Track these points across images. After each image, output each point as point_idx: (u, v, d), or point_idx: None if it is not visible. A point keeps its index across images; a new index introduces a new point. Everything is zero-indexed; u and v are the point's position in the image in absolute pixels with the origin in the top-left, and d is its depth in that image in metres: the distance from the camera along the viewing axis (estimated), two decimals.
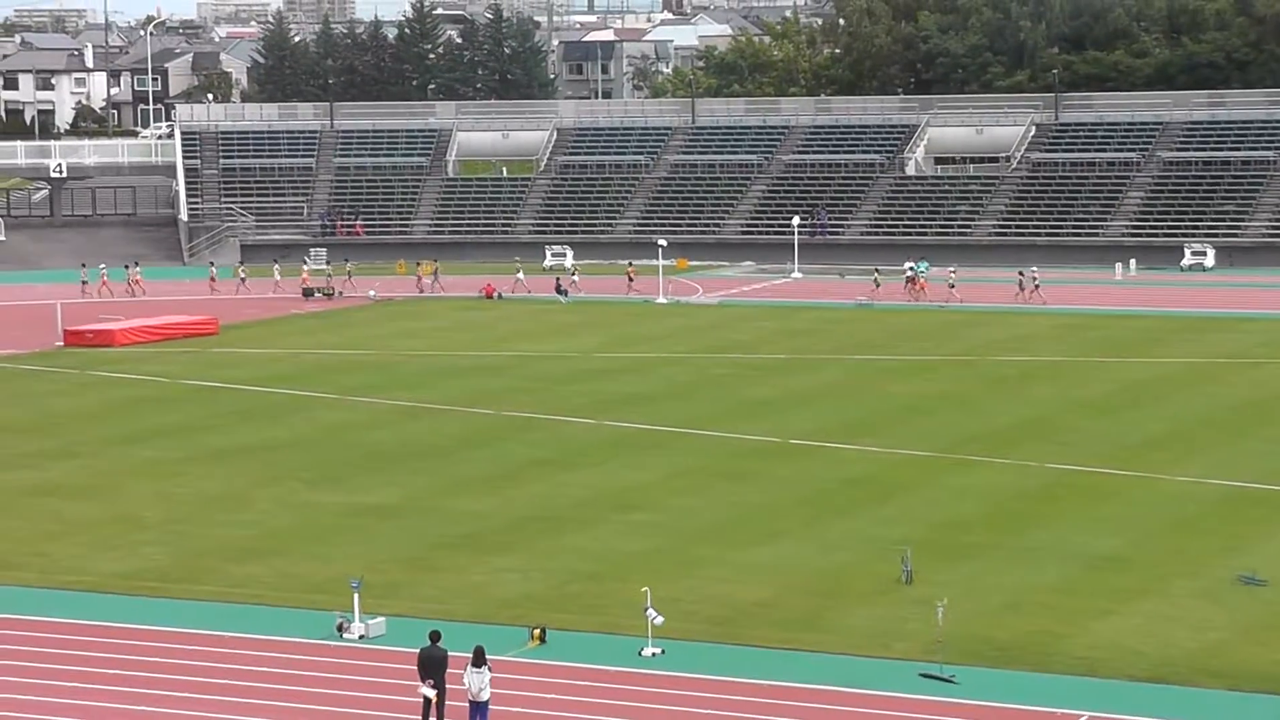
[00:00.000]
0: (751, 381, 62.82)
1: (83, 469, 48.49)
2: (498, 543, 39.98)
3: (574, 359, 68.39)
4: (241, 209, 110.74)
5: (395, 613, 34.05)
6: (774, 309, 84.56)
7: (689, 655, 31.99)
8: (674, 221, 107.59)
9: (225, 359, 69.01)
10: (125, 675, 31.26)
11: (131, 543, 40.34)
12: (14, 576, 37.62)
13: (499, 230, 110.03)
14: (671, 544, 39.70)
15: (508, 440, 52.15)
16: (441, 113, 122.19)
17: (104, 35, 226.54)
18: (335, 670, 31.52)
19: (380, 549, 39.47)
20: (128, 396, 60.79)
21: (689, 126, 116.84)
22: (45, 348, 72.41)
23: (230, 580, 37.17)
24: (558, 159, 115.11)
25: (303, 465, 48.72)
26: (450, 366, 66.86)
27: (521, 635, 32.87)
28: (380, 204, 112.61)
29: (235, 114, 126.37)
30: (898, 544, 37.85)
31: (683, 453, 50.01)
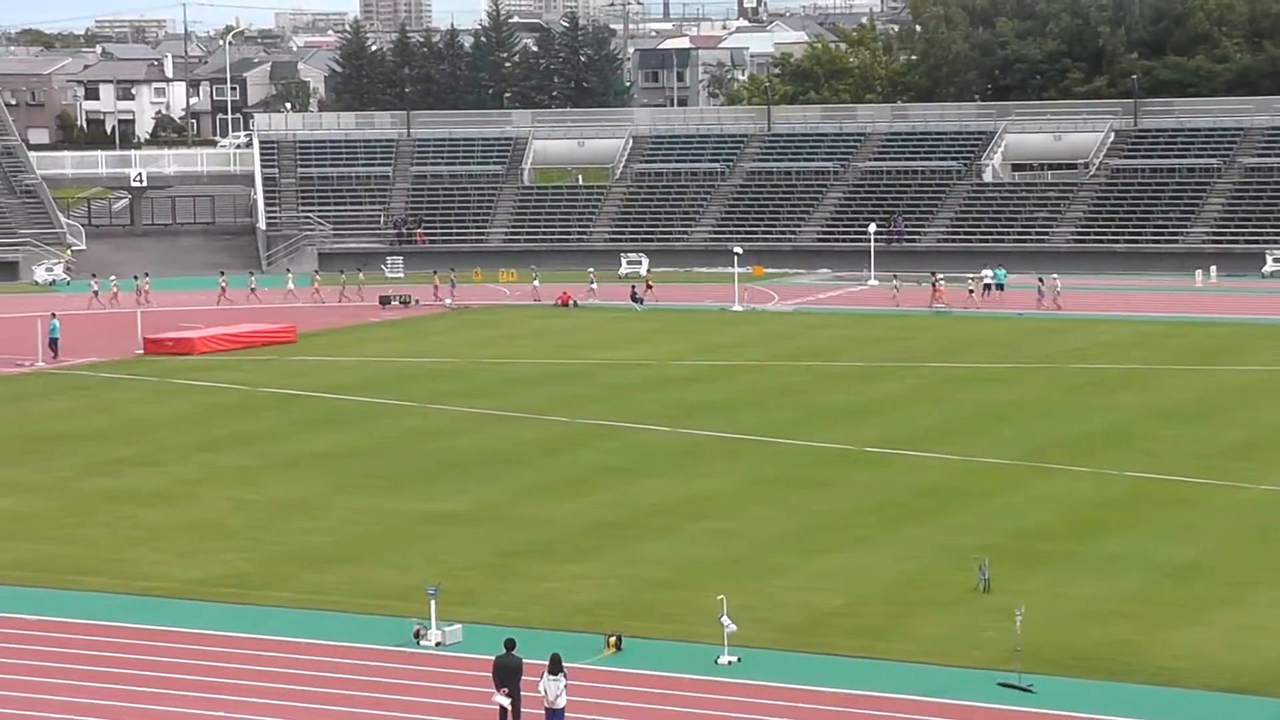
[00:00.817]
0: (827, 389, 62.65)
1: (162, 476, 48.82)
2: (573, 550, 39.99)
3: (649, 366, 68.39)
4: (319, 218, 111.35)
5: (472, 620, 34.09)
6: (850, 316, 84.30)
7: (764, 663, 31.89)
8: (749, 229, 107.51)
9: (303, 367, 69.39)
10: (204, 681, 31.44)
11: (210, 549, 40.58)
12: (95, 583, 37.90)
13: (574, 239, 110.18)
14: (747, 552, 39.61)
15: (583, 448, 52.19)
16: (517, 121, 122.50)
17: (183, 45, 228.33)
18: (412, 677, 31.59)
19: (456, 556, 39.56)
20: (207, 404, 61.20)
21: (764, 134, 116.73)
22: (126, 356, 73.00)
23: (308, 587, 37.33)
24: (633, 167, 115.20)
25: (380, 472, 48.91)
26: (526, 374, 66.99)
27: (597, 643, 32.86)
28: (456, 212, 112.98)
29: (313, 123, 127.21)
30: (975, 552, 37.64)
31: (758, 460, 49.91)
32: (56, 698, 30.67)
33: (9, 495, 46.54)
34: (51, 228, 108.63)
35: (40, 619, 35.21)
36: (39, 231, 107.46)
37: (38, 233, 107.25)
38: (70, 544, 41.28)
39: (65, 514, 44.42)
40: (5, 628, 34.69)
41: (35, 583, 37.91)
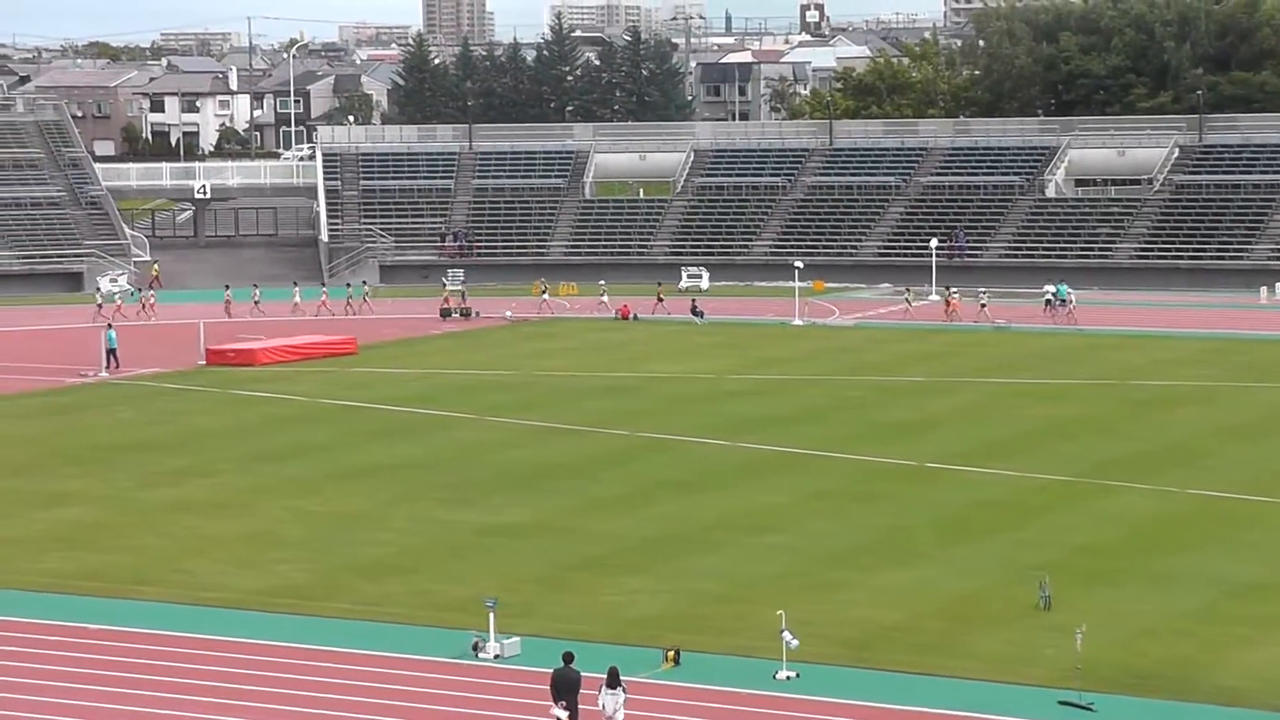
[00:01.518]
0: (887, 404, 62.46)
1: (222, 486, 49.05)
2: (631, 563, 39.96)
3: (708, 380, 68.34)
4: (381, 230, 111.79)
5: (529, 632, 34.10)
6: (910, 331, 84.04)
7: (823, 679, 31.78)
8: (810, 243, 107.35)
9: (363, 379, 69.63)
10: (262, 692, 31.55)
11: (270, 560, 40.73)
12: (156, 592, 38.08)
13: (635, 252, 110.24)
14: (805, 567, 39.50)
15: (641, 461, 52.17)
16: (579, 134, 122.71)
17: (248, 58, 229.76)
18: (469, 690, 31.61)
19: (515, 568, 39.58)
20: (267, 415, 61.47)
21: (826, 148, 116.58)
22: (188, 366, 73.41)
23: (366, 598, 37.42)
24: (695, 180, 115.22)
25: (439, 484, 49.01)
26: (585, 387, 67.04)
27: (655, 657, 32.81)
28: (518, 225, 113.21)
29: (375, 136, 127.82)
30: (1035, 569, 37.43)
31: (817, 475, 49.78)
32: (119, 707, 30.83)
33: (73, 505, 46.85)
34: (116, 239, 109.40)
35: (103, 628, 35.41)
36: (104, 243, 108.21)
37: (102, 244, 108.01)
38: (132, 554, 41.51)
39: (127, 524, 44.68)
40: (69, 636, 34.90)
41: (98, 592, 38.13)
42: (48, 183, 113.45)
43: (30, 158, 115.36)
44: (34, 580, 39.10)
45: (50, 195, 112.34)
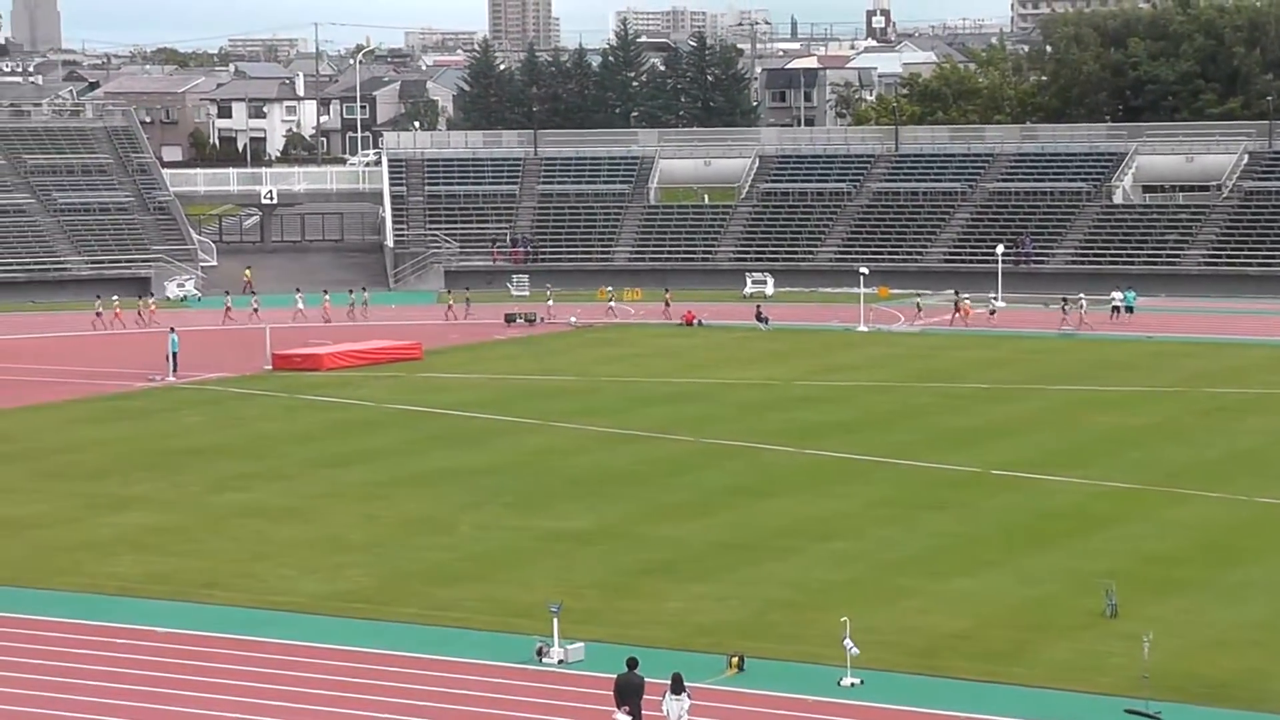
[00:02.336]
0: (953, 411, 62.24)
1: (289, 491, 49.29)
2: (696, 570, 39.95)
3: (774, 387, 68.26)
4: (446, 235, 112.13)
5: (594, 638, 34.13)
6: (976, 337, 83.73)
7: (888, 686, 31.70)
8: (876, 249, 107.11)
9: (429, 384, 69.85)
10: (329, 695, 31.68)
11: (336, 565, 40.91)
12: (224, 596, 38.31)
13: (699, 258, 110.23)
14: (871, 574, 39.41)
15: (707, 467, 52.15)
16: (644, 140, 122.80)
17: (314, 64, 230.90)
18: (534, 695, 31.66)
19: (580, 574, 39.63)
20: (334, 420, 61.74)
21: (892, 154, 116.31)
22: (254, 371, 73.81)
23: (433, 603, 37.53)
24: (759, 186, 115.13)
25: (505, 490, 49.11)
26: (650, 393, 67.06)
27: (719, 663, 32.79)
28: (582, 231, 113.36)
29: (441, 141, 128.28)
30: (1102, 577, 37.23)
31: (883, 482, 49.65)
32: (186, 710, 31.02)
33: (142, 509, 47.17)
34: (183, 244, 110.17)
35: (172, 631, 35.64)
36: (171, 248, 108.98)
37: (170, 249, 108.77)
38: (200, 558, 41.77)
39: (195, 528, 44.96)
40: (137, 639, 35.15)
41: (167, 595, 38.38)
42: (116, 188, 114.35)
43: (99, 163, 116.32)
44: (103, 583, 39.40)
45: (119, 200, 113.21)
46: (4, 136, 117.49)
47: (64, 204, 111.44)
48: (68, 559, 41.68)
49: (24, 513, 46.76)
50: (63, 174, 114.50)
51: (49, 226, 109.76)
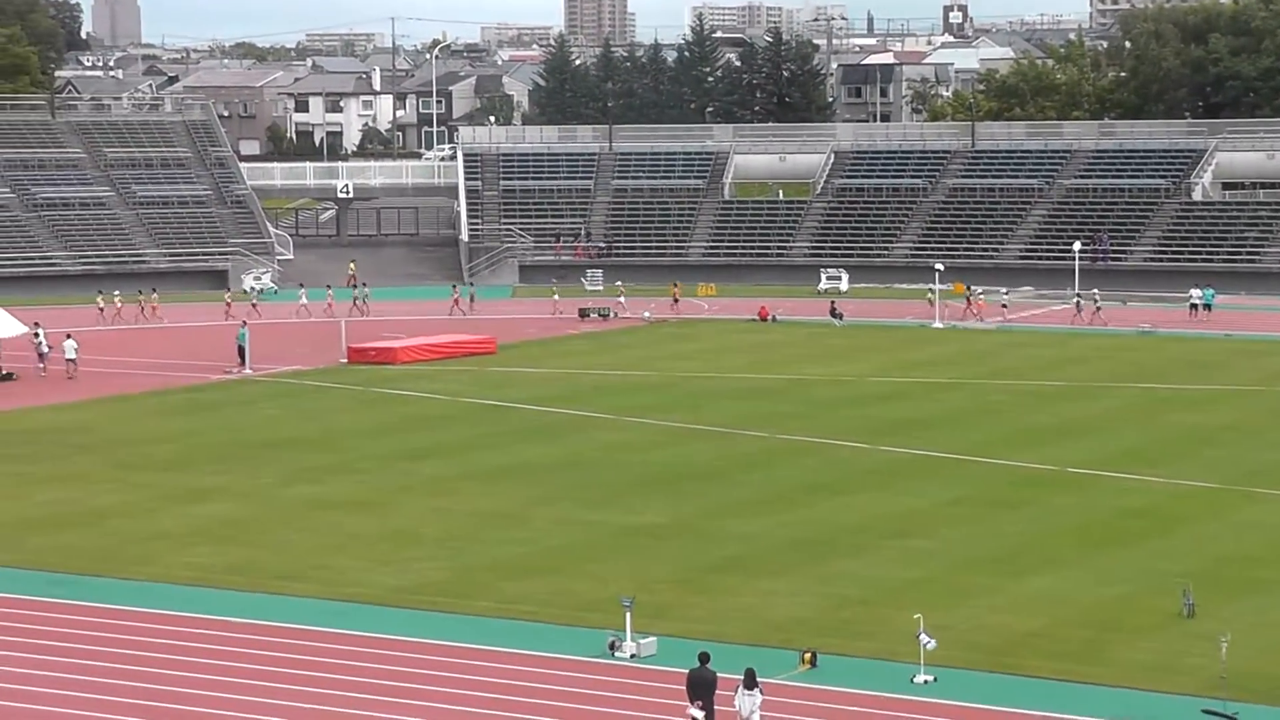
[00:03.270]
0: (1028, 408, 61.88)
1: (363, 484, 49.49)
2: (769, 565, 39.87)
3: (848, 383, 68.05)
4: (520, 230, 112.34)
5: (666, 632, 34.11)
6: (1053, 335, 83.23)
7: (961, 683, 31.53)
8: (951, 245, 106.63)
9: (502, 378, 69.99)
10: (401, 688, 31.78)
11: (409, 558, 41.04)
12: (298, 588, 38.50)
13: (774, 254, 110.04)
14: (945, 571, 39.23)
15: (780, 463, 52.04)
16: (719, 135, 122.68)
17: (391, 59, 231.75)
18: (606, 689, 31.67)
19: (652, 569, 39.61)
20: (408, 414, 61.95)
21: (968, 150, 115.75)
22: (330, 364, 74.16)
23: (505, 597, 37.59)
24: (834, 182, 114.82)
25: (578, 484, 49.15)
26: (724, 388, 66.98)
27: (792, 658, 32.72)
28: (656, 226, 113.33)
29: (516, 136, 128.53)
30: (1179, 577, 36.93)
31: (957, 480, 49.41)
32: (260, 700, 31.19)
33: (218, 501, 47.47)
34: (260, 237, 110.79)
35: (247, 622, 35.85)
36: (248, 241, 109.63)
37: (247, 242, 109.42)
38: (275, 549, 42.00)
39: (271, 520, 45.21)
40: (212, 629, 35.37)
41: (242, 587, 38.61)
42: (194, 181, 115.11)
43: (178, 157, 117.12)
44: (180, 574, 39.68)
45: (197, 194, 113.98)
46: (84, 130, 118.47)
47: (143, 197, 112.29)
48: (144, 549, 42.00)
49: (102, 503, 47.16)
50: (142, 167, 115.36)
51: (128, 219, 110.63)
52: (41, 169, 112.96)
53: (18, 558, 41.22)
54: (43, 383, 69.83)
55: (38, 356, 71.78)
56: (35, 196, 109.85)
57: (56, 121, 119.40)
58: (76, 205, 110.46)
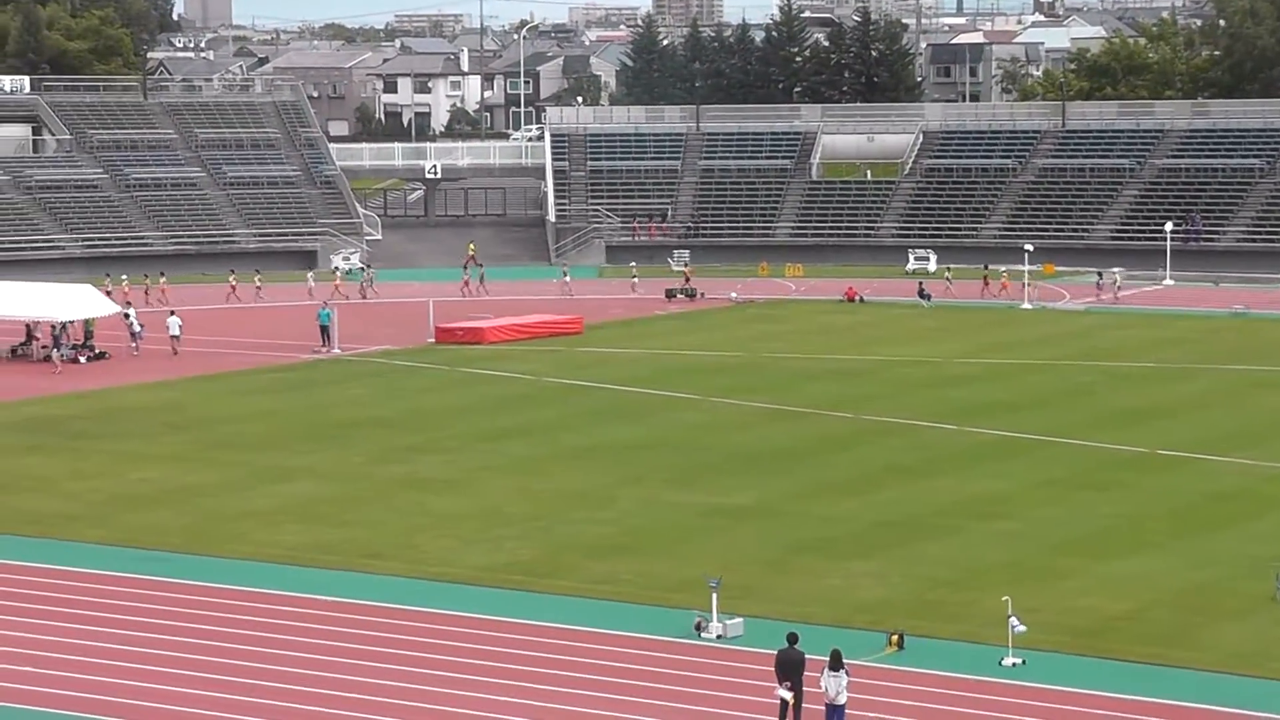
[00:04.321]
0: (1118, 390, 61.37)
1: (450, 464, 49.64)
2: (856, 547, 39.73)
3: (935, 364, 67.70)
4: (608, 210, 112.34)
5: (752, 614, 34.05)
6: (1144, 316, 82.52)
7: (1050, 666, 31.32)
8: (1041, 226, 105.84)
9: (589, 358, 70.05)
10: (486, 666, 31.88)
11: (496, 537, 41.15)
12: (385, 566, 38.68)
13: (861, 234, 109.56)
14: (1034, 554, 38.96)
15: (867, 445, 51.83)
16: (807, 115, 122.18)
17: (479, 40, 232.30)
18: (692, 669, 31.65)
19: (738, 550, 39.56)
20: (494, 394, 62.10)
21: (1059, 130, 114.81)
22: (418, 344, 74.44)
23: (591, 576, 37.63)
24: (923, 162, 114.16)
25: (664, 465, 49.13)
26: (811, 369, 66.77)
27: (879, 640, 32.59)
28: (744, 206, 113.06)
29: (603, 116, 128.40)
30: (1272, 561, 36.53)
31: (1046, 461, 49.05)
32: (346, 677, 31.35)
33: (307, 479, 47.76)
34: (349, 218, 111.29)
35: (334, 600, 36.04)
36: (337, 221, 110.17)
37: (336, 223, 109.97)
38: (364, 528, 42.20)
39: (359, 499, 45.44)
40: (301, 607, 35.59)
41: (330, 565, 38.83)
42: (284, 162, 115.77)
43: (268, 138, 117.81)
44: (269, 552, 39.94)
45: (286, 174, 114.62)
46: (176, 111, 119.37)
47: (233, 177, 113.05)
48: (234, 527, 42.31)
49: (193, 481, 47.54)
50: (232, 148, 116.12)
51: (218, 200, 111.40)
52: (134, 150, 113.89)
53: (110, 535, 41.63)
54: (135, 361, 70.48)
55: (130, 336, 72.46)
56: (128, 177, 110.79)
57: (149, 103, 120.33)
58: (168, 186, 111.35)
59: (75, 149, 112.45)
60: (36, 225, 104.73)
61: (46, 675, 31.41)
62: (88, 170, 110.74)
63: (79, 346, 71.02)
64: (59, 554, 39.91)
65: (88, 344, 71.56)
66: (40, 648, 32.95)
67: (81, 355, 70.43)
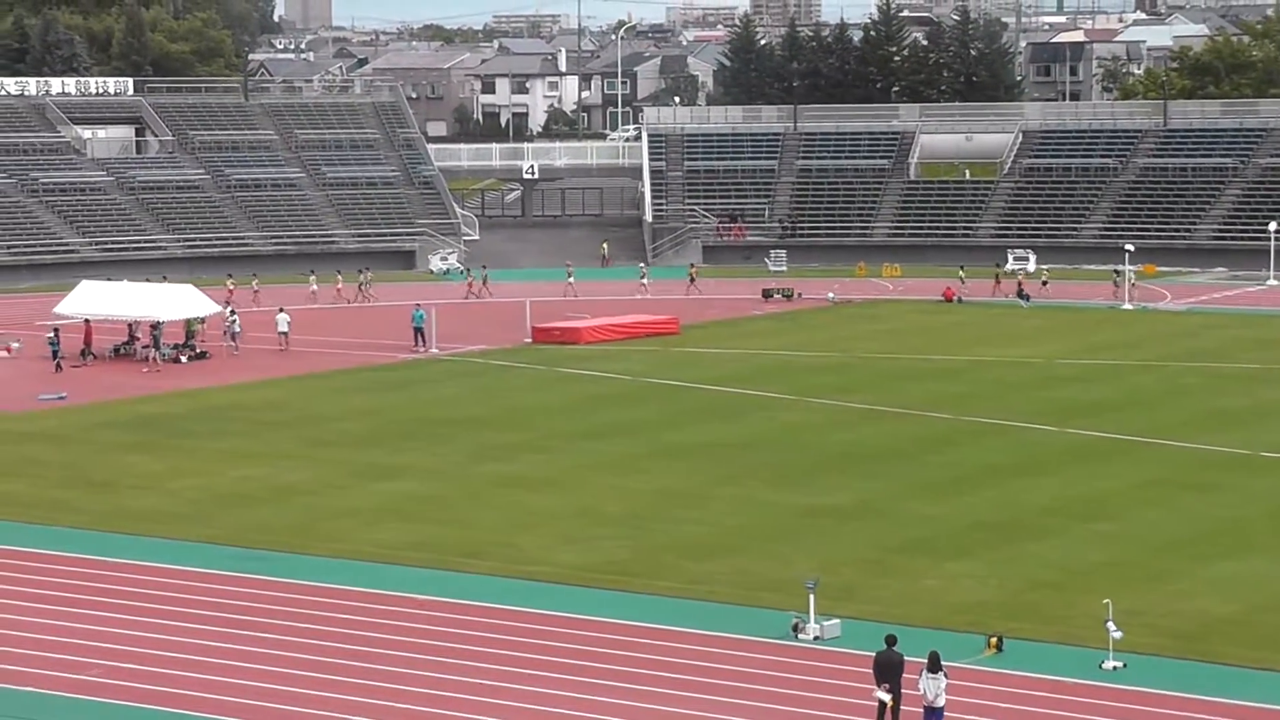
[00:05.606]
0: (1221, 391, 60.71)
1: (548, 463, 49.72)
2: (954, 548, 39.48)
3: (1035, 365, 67.21)
4: (704, 211, 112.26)
5: (850, 615, 33.90)
6: (1247, 317, 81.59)
7: (1152, 670, 30.99)
8: (1142, 226, 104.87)
9: (686, 358, 70.00)
10: (582, 666, 31.89)
11: (593, 536, 41.17)
12: (484, 566, 38.77)
13: (959, 234, 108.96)
14: (1135, 555, 38.59)
15: (965, 445, 51.51)
16: (905, 115, 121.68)
17: (577, 40, 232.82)
18: (789, 670, 31.54)
19: (836, 550, 39.40)
20: (592, 393, 62.17)
21: (1160, 129, 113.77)
22: (515, 344, 74.64)
23: (687, 576, 37.58)
24: (1022, 161, 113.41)
25: (761, 465, 49.01)
26: (908, 370, 66.45)
27: (978, 643, 32.36)
28: (841, 206, 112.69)
29: (701, 116, 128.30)
30: None
31: (1147, 463, 48.58)
32: (443, 676, 31.46)
33: (405, 478, 47.97)
34: (447, 218, 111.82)
35: (432, 599, 36.17)
36: (435, 222, 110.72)
37: (434, 223, 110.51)
38: (461, 527, 42.34)
39: (457, 497, 45.60)
40: (398, 606, 35.74)
41: (428, 564, 38.96)
42: (383, 163, 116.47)
43: (367, 138, 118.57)
44: (367, 550, 40.14)
45: (385, 175, 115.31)
46: (276, 112, 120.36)
47: (332, 178, 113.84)
48: (334, 526, 42.56)
49: (294, 479, 47.86)
50: (331, 149, 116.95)
51: (318, 200, 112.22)
52: (235, 150, 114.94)
53: (211, 533, 41.98)
54: (235, 361, 71.06)
55: (230, 336, 73.09)
56: (229, 177, 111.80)
57: (250, 104, 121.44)
58: (268, 186, 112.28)
59: (177, 150, 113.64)
60: (139, 225, 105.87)
61: (152, 673, 31.70)
62: (189, 171, 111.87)
63: (180, 346, 71.70)
64: (162, 552, 40.27)
65: (189, 343, 72.22)
66: (146, 645, 33.25)
67: (183, 355, 71.10)
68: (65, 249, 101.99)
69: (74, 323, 71.81)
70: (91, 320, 71.51)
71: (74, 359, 69.51)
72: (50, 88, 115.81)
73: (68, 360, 69.01)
